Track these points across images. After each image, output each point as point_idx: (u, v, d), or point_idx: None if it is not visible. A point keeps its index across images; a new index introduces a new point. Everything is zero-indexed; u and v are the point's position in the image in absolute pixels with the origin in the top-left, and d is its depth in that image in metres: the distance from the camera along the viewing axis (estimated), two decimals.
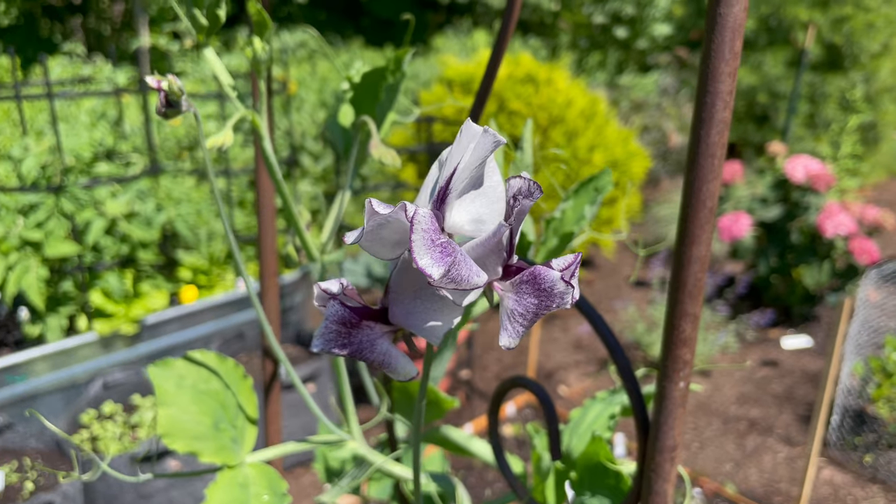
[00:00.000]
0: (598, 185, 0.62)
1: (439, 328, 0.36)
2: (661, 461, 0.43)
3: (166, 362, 0.55)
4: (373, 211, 0.33)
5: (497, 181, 0.35)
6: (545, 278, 0.34)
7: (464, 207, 0.35)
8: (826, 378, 1.77)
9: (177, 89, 0.45)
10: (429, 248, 0.31)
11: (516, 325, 0.35)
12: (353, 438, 0.59)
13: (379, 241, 0.35)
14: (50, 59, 3.28)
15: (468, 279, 0.32)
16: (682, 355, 0.42)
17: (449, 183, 0.34)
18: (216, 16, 0.48)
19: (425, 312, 0.36)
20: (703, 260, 0.40)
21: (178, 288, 2.55)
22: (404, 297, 0.37)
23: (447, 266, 0.31)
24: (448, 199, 0.35)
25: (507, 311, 0.35)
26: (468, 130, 0.34)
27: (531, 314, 0.35)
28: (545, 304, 0.34)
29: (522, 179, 0.35)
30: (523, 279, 0.35)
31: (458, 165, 0.34)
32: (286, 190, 0.54)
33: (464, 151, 0.34)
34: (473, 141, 0.34)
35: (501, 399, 0.55)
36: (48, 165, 2.30)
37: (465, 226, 0.35)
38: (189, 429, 0.51)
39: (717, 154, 0.38)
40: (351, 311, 0.37)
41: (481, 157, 0.34)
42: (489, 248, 0.34)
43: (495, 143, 0.34)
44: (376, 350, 0.38)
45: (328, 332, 0.37)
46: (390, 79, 0.60)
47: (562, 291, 0.34)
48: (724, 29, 0.36)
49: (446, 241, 0.32)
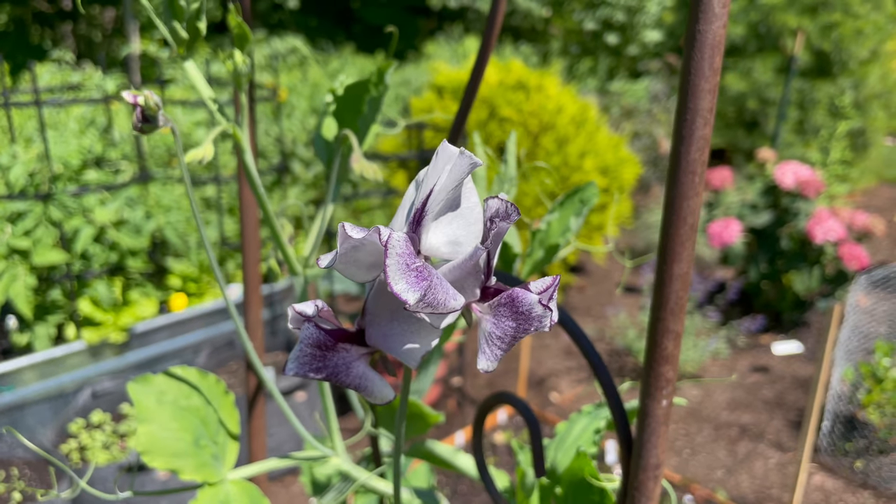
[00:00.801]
0: (583, 196, 0.62)
1: (417, 350, 0.35)
2: (644, 479, 0.43)
3: (146, 378, 0.55)
4: (346, 235, 0.32)
5: (475, 203, 0.35)
6: (523, 301, 0.34)
7: (440, 230, 0.34)
8: (817, 384, 1.78)
9: (153, 104, 0.44)
10: (404, 272, 0.31)
11: (494, 349, 0.34)
12: (336, 454, 0.58)
13: (354, 264, 0.34)
14: (39, 66, 3.26)
15: (445, 303, 0.32)
16: (665, 373, 0.42)
17: (425, 205, 0.34)
18: (197, 28, 0.48)
19: (402, 335, 0.36)
20: (684, 277, 0.40)
21: (168, 296, 2.54)
22: (381, 319, 0.36)
23: (423, 291, 0.31)
24: (424, 222, 0.34)
25: (485, 334, 0.35)
26: (444, 152, 0.34)
27: (509, 337, 0.34)
28: (523, 328, 0.34)
29: (500, 201, 0.34)
30: (501, 302, 0.34)
31: (434, 187, 0.34)
32: (268, 203, 0.53)
33: (440, 173, 0.34)
34: (450, 162, 0.33)
35: (485, 416, 0.55)
36: (36, 173, 2.28)
37: (441, 248, 0.35)
38: (169, 446, 0.50)
39: (698, 171, 0.38)
40: (326, 334, 0.36)
41: (458, 179, 0.33)
42: (466, 271, 0.34)
43: (472, 165, 0.33)
44: (352, 373, 0.37)
45: (303, 355, 0.36)
46: (373, 91, 0.60)
47: (539, 315, 0.34)
48: (704, 46, 0.36)
49: (422, 265, 0.32)
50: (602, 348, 3.22)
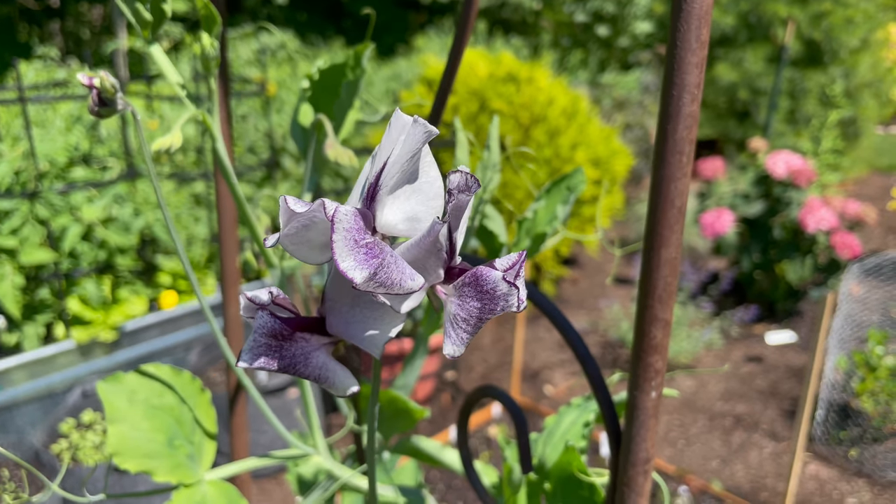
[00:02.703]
0: (570, 184, 0.60)
1: (378, 337, 0.33)
2: (633, 475, 0.41)
3: (116, 377, 0.53)
4: (289, 210, 0.30)
5: (434, 176, 0.33)
6: (486, 279, 0.31)
7: (397, 205, 0.32)
8: (810, 373, 1.77)
9: (109, 86, 0.42)
10: (352, 249, 0.29)
11: (460, 332, 0.32)
12: (318, 452, 0.57)
13: (306, 244, 0.32)
14: (24, 64, 3.23)
15: (400, 283, 0.30)
16: (654, 363, 0.40)
17: (378, 179, 0.32)
18: (161, 10, 0.46)
19: (364, 321, 0.34)
20: (673, 263, 0.38)
21: (158, 293, 2.52)
22: (342, 305, 0.34)
23: (373, 268, 0.29)
24: (378, 196, 0.32)
25: (451, 316, 0.32)
26: (397, 121, 0.31)
27: (475, 319, 0.32)
28: (489, 308, 0.32)
29: (460, 174, 0.32)
30: (465, 281, 0.32)
31: (387, 159, 0.31)
32: (241, 193, 0.51)
33: (394, 144, 0.31)
34: (403, 132, 0.31)
35: (470, 411, 0.53)
36: (22, 171, 2.26)
37: (398, 225, 0.32)
38: (141, 447, 0.49)
39: (686, 150, 0.36)
40: (282, 323, 0.34)
41: (413, 150, 0.31)
42: (425, 249, 0.32)
43: (427, 134, 0.31)
44: (311, 364, 0.34)
45: (257, 345, 0.34)
46: (350, 75, 0.58)
47: (505, 293, 0.31)
48: (690, 17, 0.34)
49: (372, 241, 0.30)
50: (596, 340, 3.22)
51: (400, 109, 0.33)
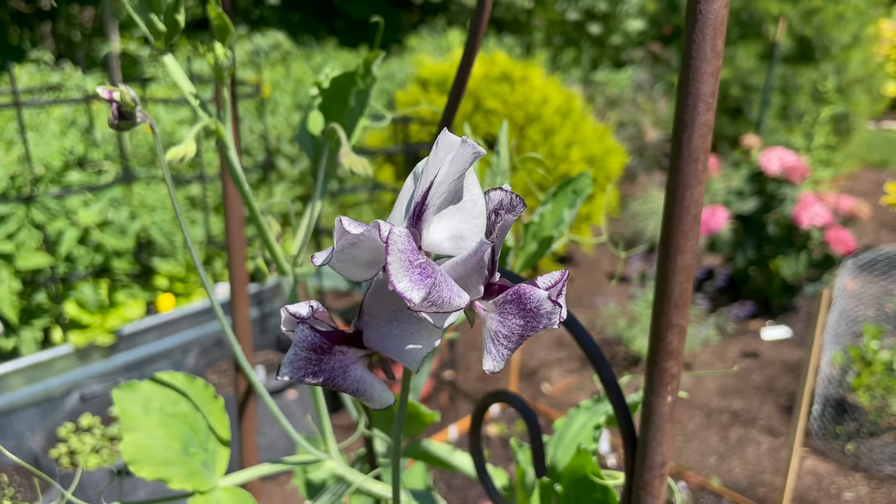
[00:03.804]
0: (576, 187, 0.61)
1: (418, 352, 0.34)
2: (649, 478, 0.42)
3: (132, 385, 0.53)
4: (343, 230, 0.30)
5: (477, 194, 0.33)
6: (531, 298, 0.32)
7: (442, 224, 0.33)
8: (806, 368, 1.78)
9: (129, 100, 0.42)
10: (407, 269, 0.29)
11: (501, 349, 0.32)
12: (331, 457, 0.57)
13: (351, 262, 0.33)
14: (17, 67, 3.22)
15: (450, 301, 0.30)
16: (670, 368, 0.40)
17: (425, 198, 0.32)
18: (175, 21, 0.46)
19: (402, 336, 0.34)
20: (688, 269, 0.39)
21: (155, 296, 2.51)
22: (380, 319, 0.35)
23: (427, 289, 0.29)
24: (425, 216, 0.32)
25: (491, 333, 0.33)
26: (445, 141, 0.32)
27: (517, 336, 0.32)
28: (531, 326, 0.32)
29: (504, 192, 0.33)
30: (507, 299, 0.33)
31: (434, 179, 0.32)
32: (253, 201, 0.52)
33: (441, 164, 0.32)
34: (451, 153, 0.32)
35: (482, 415, 0.54)
36: (17, 175, 2.25)
37: (443, 243, 0.33)
38: (157, 454, 0.49)
39: (701, 158, 0.36)
40: (322, 336, 0.34)
41: (460, 170, 0.32)
42: (470, 267, 0.32)
43: (475, 155, 0.31)
44: (350, 377, 0.35)
45: (297, 359, 0.34)
46: (360, 84, 0.58)
47: (549, 311, 0.32)
48: (706, 27, 0.35)
49: (425, 261, 0.30)
50: (593, 338, 3.22)
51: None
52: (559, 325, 0.32)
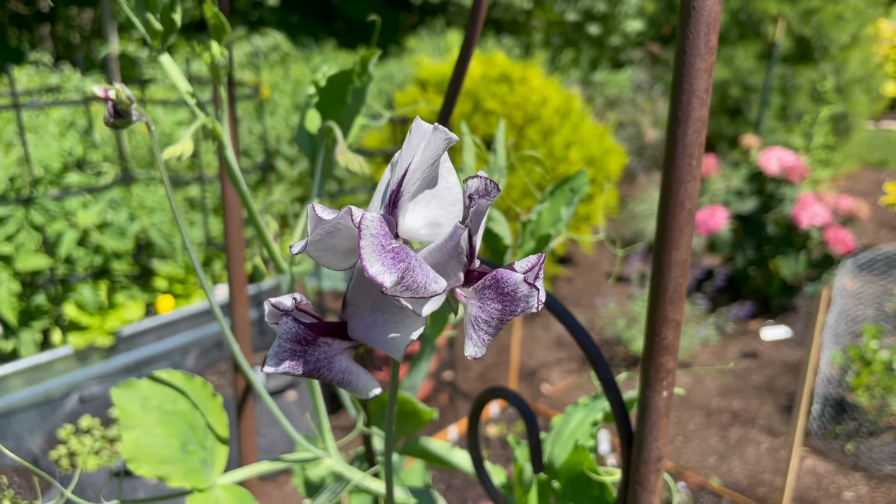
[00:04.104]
0: (573, 186, 0.61)
1: (400, 340, 0.34)
2: (646, 473, 0.42)
3: (130, 383, 0.53)
4: (317, 217, 0.31)
5: (453, 182, 0.34)
6: (507, 281, 0.32)
7: (418, 211, 0.33)
8: (806, 368, 1.78)
9: (125, 98, 0.42)
10: (379, 254, 0.30)
11: (481, 334, 0.33)
12: (329, 455, 0.57)
13: (330, 251, 0.33)
14: (16, 69, 3.22)
15: (425, 286, 0.31)
16: (665, 363, 0.41)
17: (400, 185, 0.33)
18: (171, 20, 0.46)
19: (385, 325, 0.34)
20: (683, 264, 0.39)
21: (154, 298, 2.52)
22: (363, 309, 0.35)
23: (400, 273, 0.30)
24: (400, 203, 0.33)
25: (471, 318, 0.33)
26: (418, 129, 0.33)
27: (496, 320, 0.33)
28: (510, 309, 0.33)
29: (479, 179, 0.33)
30: (486, 284, 0.33)
31: (409, 166, 0.32)
32: (251, 200, 0.52)
33: (414, 151, 0.32)
34: (424, 140, 0.32)
35: (480, 412, 0.54)
36: (17, 177, 2.25)
37: (420, 230, 0.33)
38: (155, 452, 0.49)
39: (695, 154, 0.37)
40: (306, 328, 0.35)
41: (433, 157, 0.32)
42: (447, 253, 0.32)
43: (447, 141, 0.32)
44: (335, 368, 0.35)
45: (282, 350, 0.34)
46: (357, 82, 0.58)
47: (525, 294, 0.32)
48: (699, 23, 0.35)
49: (398, 246, 0.30)
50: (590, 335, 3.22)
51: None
52: (537, 309, 0.33)
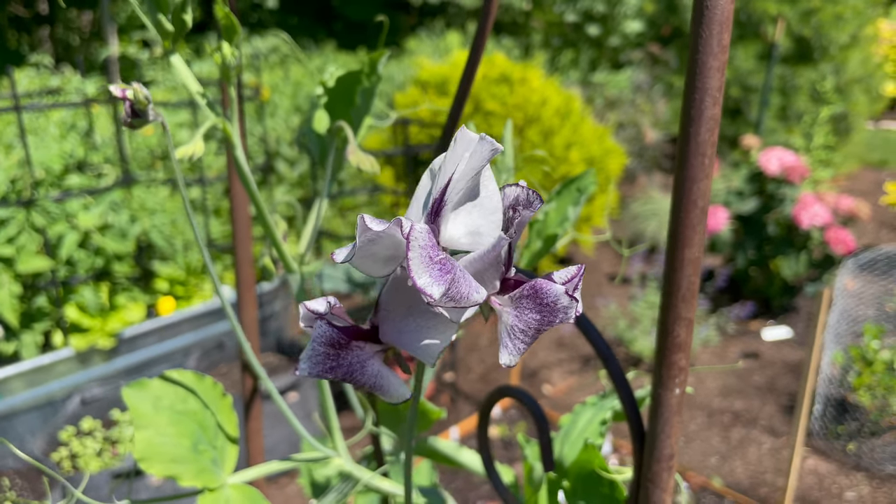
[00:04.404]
0: (580, 185, 0.61)
1: (435, 346, 0.34)
2: (658, 470, 0.42)
3: (141, 383, 0.53)
4: (365, 227, 0.31)
5: (493, 190, 0.34)
6: (548, 293, 0.32)
7: (460, 220, 0.33)
8: (807, 368, 1.78)
9: (143, 98, 0.43)
10: (428, 266, 0.30)
11: (517, 343, 0.33)
12: (338, 455, 0.57)
13: (370, 258, 0.33)
14: (17, 71, 3.22)
15: (468, 296, 0.31)
16: (678, 361, 0.41)
17: (444, 194, 0.33)
18: (182, 21, 0.46)
19: (419, 330, 0.34)
20: (695, 262, 0.39)
21: (156, 300, 2.52)
22: (396, 314, 0.35)
23: (447, 284, 0.30)
24: (443, 212, 0.33)
25: (507, 327, 0.33)
26: (463, 138, 0.32)
27: (533, 330, 0.33)
28: (548, 320, 0.32)
29: (520, 188, 0.33)
30: (524, 293, 0.33)
31: (452, 175, 0.32)
32: (260, 200, 0.52)
33: (458, 160, 0.32)
34: (469, 149, 0.32)
35: (490, 411, 0.54)
36: (18, 179, 2.25)
37: (461, 239, 0.33)
38: (167, 451, 0.49)
39: (708, 152, 0.37)
40: (339, 332, 0.35)
41: (477, 167, 0.32)
42: (488, 262, 0.33)
43: (493, 151, 0.32)
44: (367, 372, 0.35)
45: (315, 354, 0.35)
46: (366, 82, 0.58)
47: (566, 306, 0.32)
48: (712, 22, 0.35)
49: (445, 257, 0.31)
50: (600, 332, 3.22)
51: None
52: (574, 320, 0.33)
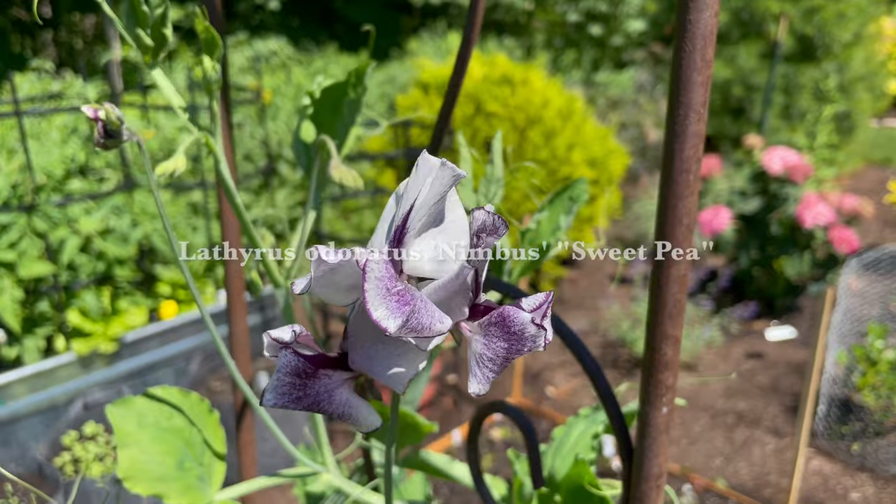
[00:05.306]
0: (572, 194, 0.61)
1: (403, 374, 0.33)
2: (646, 489, 0.41)
3: (126, 401, 0.53)
4: (320, 260, 0.30)
5: (459, 215, 0.33)
6: (515, 321, 0.32)
7: (423, 246, 0.32)
8: (811, 368, 1.77)
9: (115, 118, 0.42)
10: (384, 297, 0.29)
11: (486, 371, 0.32)
12: (328, 470, 0.57)
13: (332, 287, 0.32)
14: (18, 76, 3.22)
15: (430, 327, 0.30)
16: (665, 380, 0.40)
17: (406, 221, 0.32)
18: (162, 35, 0.46)
19: (388, 358, 0.34)
20: (682, 280, 0.38)
21: (158, 304, 2.52)
22: (364, 341, 0.34)
23: (405, 316, 0.29)
24: (406, 239, 0.32)
25: (476, 355, 0.32)
26: (425, 164, 0.32)
27: (501, 359, 0.32)
28: (515, 348, 0.32)
29: (486, 213, 0.32)
30: (492, 321, 0.32)
31: (415, 201, 0.32)
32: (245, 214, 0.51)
33: (421, 186, 0.31)
34: (431, 175, 0.31)
35: (480, 426, 0.53)
36: (19, 184, 2.25)
37: (424, 266, 0.33)
38: (151, 470, 0.49)
39: (692, 169, 0.36)
40: (305, 361, 0.34)
41: (440, 193, 0.31)
42: (452, 291, 0.32)
43: (454, 177, 0.31)
44: (335, 401, 0.34)
45: (281, 384, 0.34)
46: (352, 94, 0.58)
47: (533, 335, 0.32)
48: (695, 36, 0.34)
49: (403, 288, 0.30)
50: (596, 341, 3.22)
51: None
52: (544, 348, 0.32)
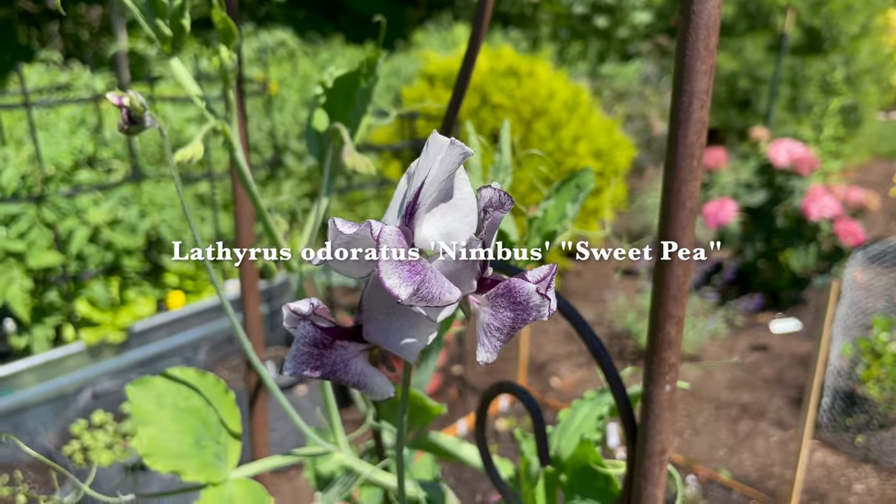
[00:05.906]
0: (579, 182, 0.62)
1: (415, 345, 0.35)
2: (650, 466, 0.43)
3: (144, 381, 0.55)
4: (337, 231, 0.32)
5: (468, 193, 0.35)
6: (520, 291, 0.33)
7: (434, 222, 0.34)
8: (816, 361, 1.78)
9: (139, 105, 0.43)
10: (396, 266, 0.31)
11: (493, 340, 0.34)
12: (340, 449, 0.58)
13: (347, 260, 0.34)
14: (26, 67, 3.24)
15: (439, 296, 0.32)
16: (668, 358, 0.41)
17: (417, 197, 0.34)
18: (181, 25, 0.47)
19: (400, 329, 0.35)
20: (685, 262, 0.40)
21: (165, 294, 2.53)
22: (378, 314, 0.36)
23: (416, 285, 0.31)
24: (417, 214, 0.34)
25: (483, 325, 0.34)
26: (435, 143, 0.34)
27: (507, 328, 0.34)
28: (521, 318, 0.34)
29: (493, 190, 0.34)
30: (498, 292, 0.34)
31: (425, 179, 0.33)
32: (260, 201, 0.53)
33: (431, 164, 0.33)
34: (441, 153, 0.33)
35: (488, 406, 0.55)
36: (28, 175, 2.27)
37: (436, 241, 0.34)
38: (170, 448, 0.50)
39: (696, 154, 0.37)
40: (323, 332, 0.36)
41: (449, 170, 0.33)
42: (462, 263, 0.34)
43: (463, 155, 0.33)
44: (351, 370, 0.37)
45: (300, 354, 0.36)
46: (363, 83, 0.59)
47: (538, 304, 0.33)
48: (699, 26, 0.36)
49: (415, 258, 0.32)
50: (602, 332, 3.23)
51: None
52: (548, 318, 0.34)
